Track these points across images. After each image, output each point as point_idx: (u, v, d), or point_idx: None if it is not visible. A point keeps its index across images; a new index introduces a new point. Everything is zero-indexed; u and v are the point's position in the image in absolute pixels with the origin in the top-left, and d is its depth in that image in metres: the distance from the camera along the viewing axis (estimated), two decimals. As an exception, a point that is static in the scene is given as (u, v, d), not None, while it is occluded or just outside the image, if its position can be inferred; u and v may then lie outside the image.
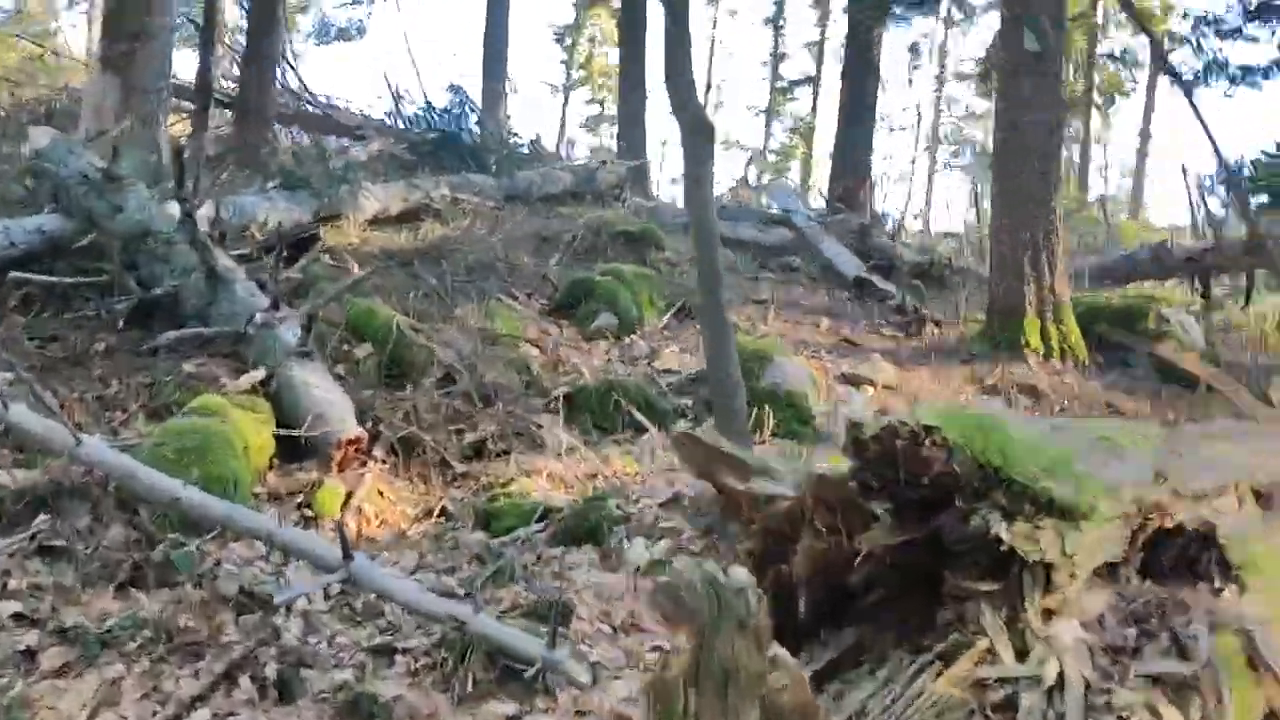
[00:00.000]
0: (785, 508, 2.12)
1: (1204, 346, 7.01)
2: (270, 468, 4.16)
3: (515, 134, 13.12)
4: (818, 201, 15.02)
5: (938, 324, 7.60)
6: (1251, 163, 21.54)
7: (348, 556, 2.76)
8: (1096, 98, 24.98)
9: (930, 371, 6.68)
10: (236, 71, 11.87)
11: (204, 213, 5.38)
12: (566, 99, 31.99)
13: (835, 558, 1.91)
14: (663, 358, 6.35)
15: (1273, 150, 24.31)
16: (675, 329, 7.01)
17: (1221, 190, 19.14)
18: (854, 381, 6.29)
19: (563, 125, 30.32)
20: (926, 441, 1.73)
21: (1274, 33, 20.99)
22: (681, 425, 5.53)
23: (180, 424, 3.82)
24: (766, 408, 5.43)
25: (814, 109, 36.04)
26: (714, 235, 3.73)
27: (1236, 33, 21.25)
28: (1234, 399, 6.43)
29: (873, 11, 12.68)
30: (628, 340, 6.58)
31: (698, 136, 3.73)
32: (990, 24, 21.11)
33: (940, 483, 1.76)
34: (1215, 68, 21.61)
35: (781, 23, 37.36)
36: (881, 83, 14.66)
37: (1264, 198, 20.07)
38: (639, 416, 5.31)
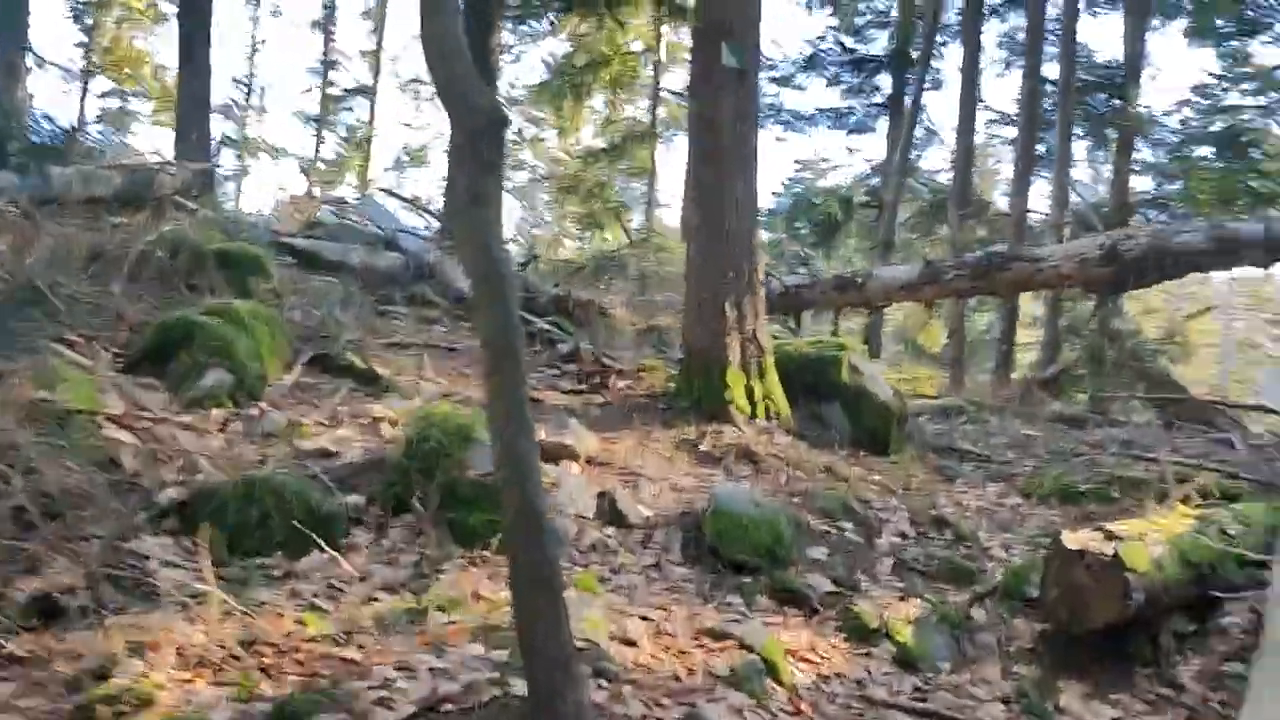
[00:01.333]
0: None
1: (892, 396, 6.61)
2: None
3: (48, 118, 10.21)
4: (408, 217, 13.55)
5: (620, 374, 6.54)
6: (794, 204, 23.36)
7: None
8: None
9: (635, 437, 5.57)
10: None
11: None
12: (86, 87, 27.30)
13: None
14: (307, 434, 4.60)
15: (802, 192, 26.64)
16: (311, 390, 5.26)
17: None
18: (553, 455, 5.00)
19: (81, 116, 25.77)
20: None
21: (829, 83, 22.93)
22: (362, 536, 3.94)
23: None
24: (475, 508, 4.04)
25: (371, 118, 34.26)
26: (508, 277, 2.27)
27: (788, 80, 23.00)
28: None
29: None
30: (252, 409, 4.74)
31: (482, 138, 2.26)
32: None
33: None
34: (770, 111, 23.24)
35: (331, 28, 35.18)
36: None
37: (814, 235, 21.73)
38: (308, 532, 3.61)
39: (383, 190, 23.50)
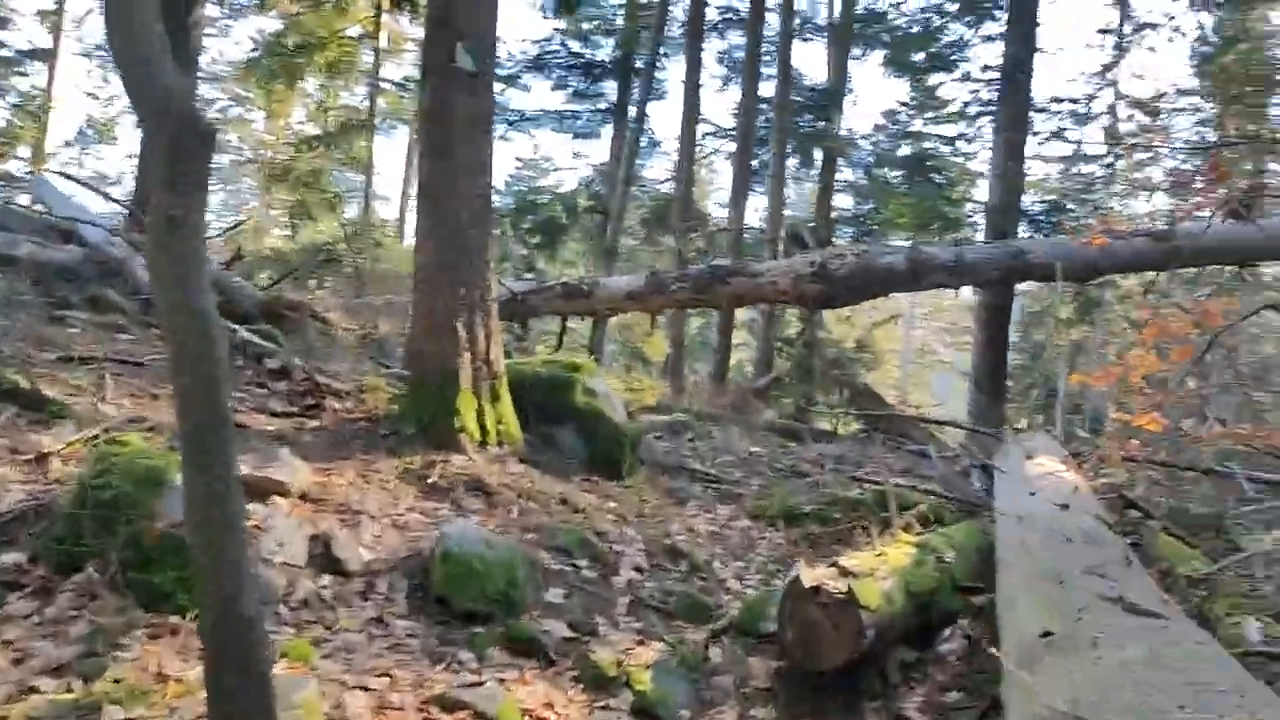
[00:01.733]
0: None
1: (625, 418, 6.49)
2: None
3: None
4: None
5: (338, 394, 6.00)
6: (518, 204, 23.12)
7: None
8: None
9: (355, 467, 5.09)
10: None
11: None
12: None
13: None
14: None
15: (524, 192, 26.52)
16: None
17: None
18: (260, 491, 4.46)
19: None
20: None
21: (554, 85, 22.83)
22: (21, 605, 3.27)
23: None
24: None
25: (49, 86, 30.83)
26: (209, 310, 1.86)
27: (514, 80, 22.73)
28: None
29: None
30: None
31: (185, 142, 1.84)
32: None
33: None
34: (496, 109, 22.86)
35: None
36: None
37: (538, 237, 21.61)
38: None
39: (59, 172, 21.03)
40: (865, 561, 4.26)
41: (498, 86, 22.28)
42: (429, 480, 5.13)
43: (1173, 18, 16.81)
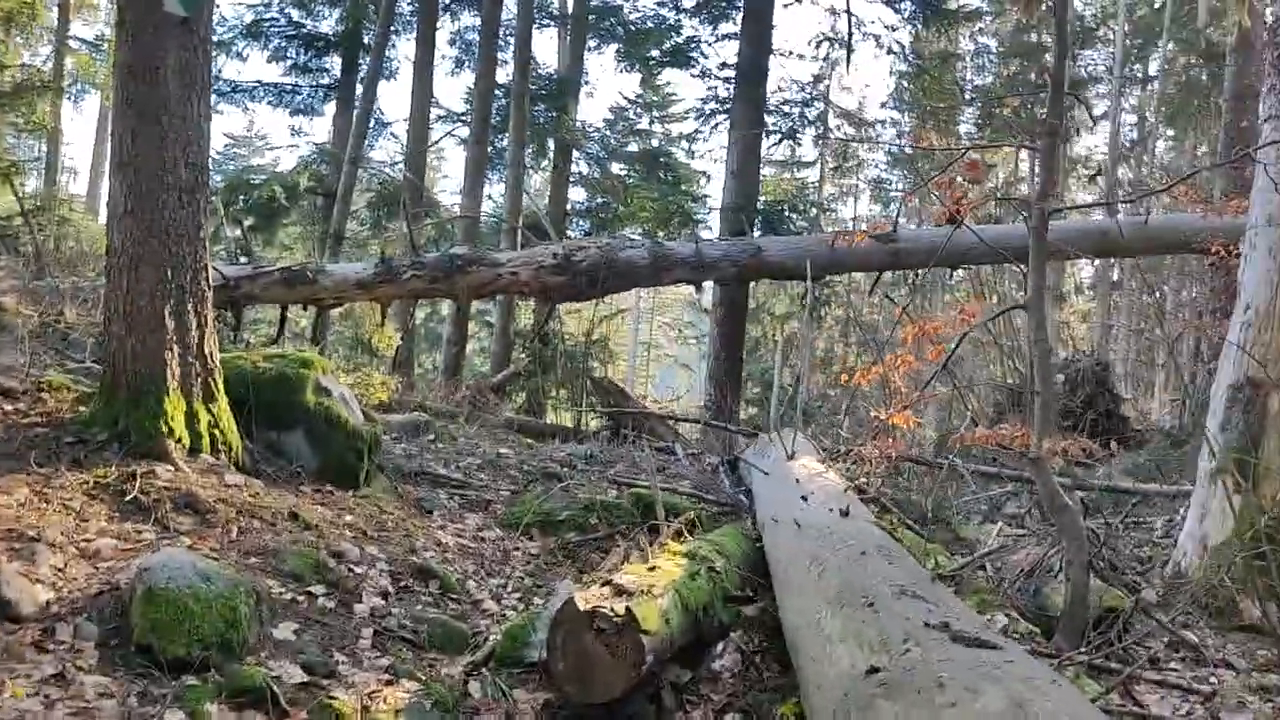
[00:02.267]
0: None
1: (363, 420, 5.84)
2: None
3: None
4: None
5: (7, 393, 4.97)
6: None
7: None
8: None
9: (30, 483, 4.19)
10: None
11: None
12: None
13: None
14: None
15: (237, 170, 24.59)
16: None
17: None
18: (-101, 518, 3.53)
19: None
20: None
21: (272, 56, 21.19)
22: None
23: None
24: None
25: None
26: None
27: (227, 46, 20.94)
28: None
29: None
30: None
31: None
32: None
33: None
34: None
35: None
36: None
37: (253, 219, 20.04)
38: None
39: None
40: (640, 577, 3.92)
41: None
42: (127, 497, 4.31)
43: (894, 29, 17.74)
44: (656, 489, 5.31)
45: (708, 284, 13.36)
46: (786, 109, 17.61)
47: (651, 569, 4.07)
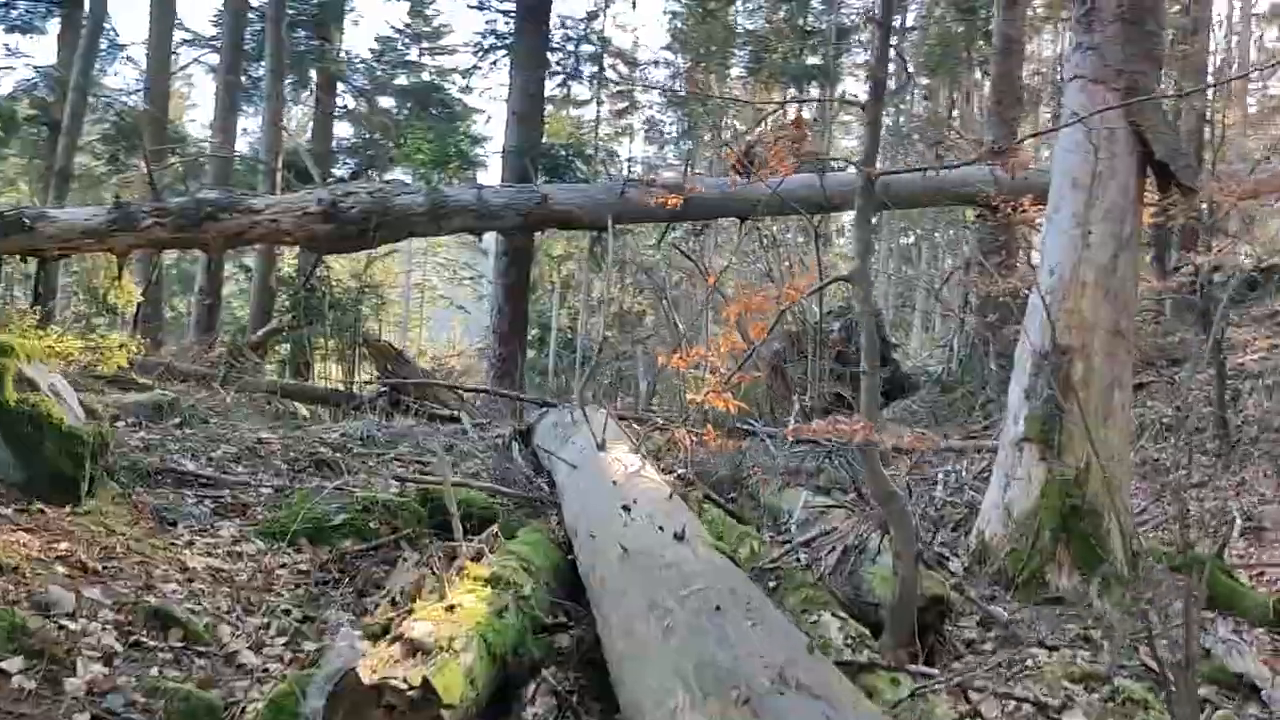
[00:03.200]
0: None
1: (84, 418, 4.78)
2: None
3: None
4: None
5: None
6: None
7: None
8: None
9: None
10: None
11: None
12: None
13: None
14: None
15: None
16: None
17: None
18: None
19: None
20: None
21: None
22: None
23: None
24: None
25: None
26: None
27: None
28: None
29: None
30: None
31: None
32: None
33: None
34: None
35: None
36: None
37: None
38: None
39: None
40: (437, 624, 3.22)
41: None
42: None
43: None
44: (450, 491, 4.56)
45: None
46: (570, 47, 16.80)
47: (450, 609, 3.39)
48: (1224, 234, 11.17)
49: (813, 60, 23.57)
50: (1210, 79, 13.69)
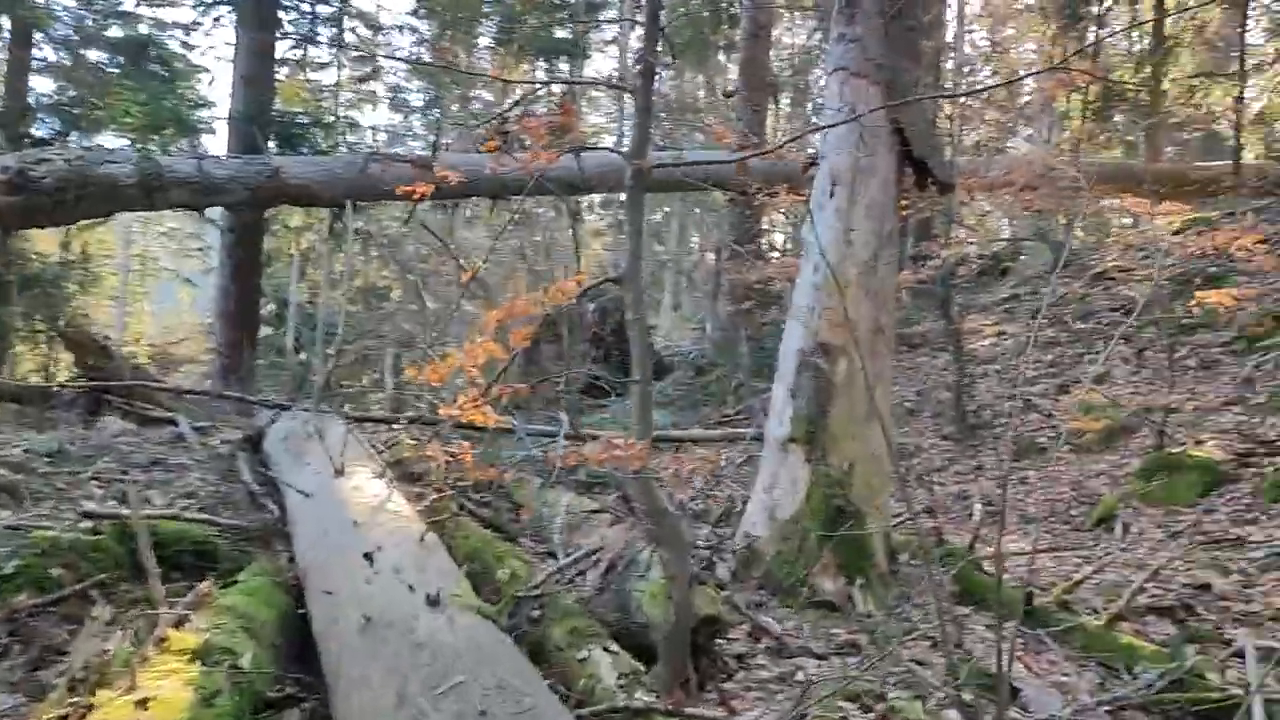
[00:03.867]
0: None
1: None
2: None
3: None
4: None
5: None
6: None
7: None
8: None
9: None
10: None
11: None
12: None
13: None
14: None
15: None
16: None
17: None
18: None
19: None
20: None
21: None
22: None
23: None
24: None
25: None
26: None
27: None
28: None
29: None
30: None
31: None
32: None
33: None
34: None
35: None
36: None
37: None
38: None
39: None
40: (125, 728, 2.56)
41: None
42: None
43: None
44: (144, 529, 3.77)
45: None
46: (306, 6, 15.49)
47: (143, 703, 2.71)
48: (960, 225, 11.72)
49: (561, 34, 23.09)
50: (956, 78, 14.39)
